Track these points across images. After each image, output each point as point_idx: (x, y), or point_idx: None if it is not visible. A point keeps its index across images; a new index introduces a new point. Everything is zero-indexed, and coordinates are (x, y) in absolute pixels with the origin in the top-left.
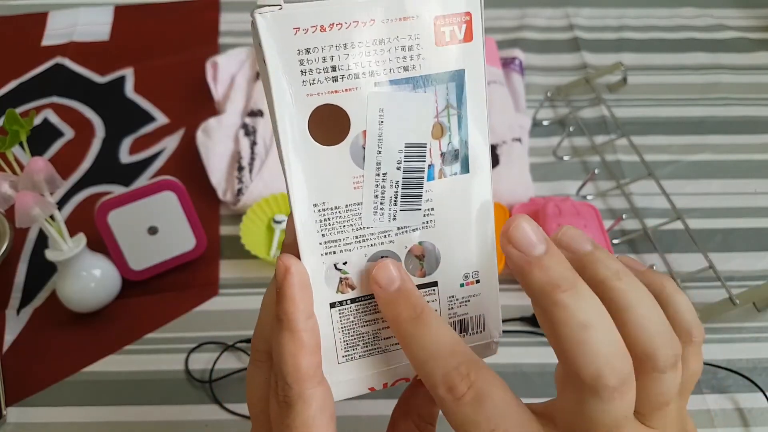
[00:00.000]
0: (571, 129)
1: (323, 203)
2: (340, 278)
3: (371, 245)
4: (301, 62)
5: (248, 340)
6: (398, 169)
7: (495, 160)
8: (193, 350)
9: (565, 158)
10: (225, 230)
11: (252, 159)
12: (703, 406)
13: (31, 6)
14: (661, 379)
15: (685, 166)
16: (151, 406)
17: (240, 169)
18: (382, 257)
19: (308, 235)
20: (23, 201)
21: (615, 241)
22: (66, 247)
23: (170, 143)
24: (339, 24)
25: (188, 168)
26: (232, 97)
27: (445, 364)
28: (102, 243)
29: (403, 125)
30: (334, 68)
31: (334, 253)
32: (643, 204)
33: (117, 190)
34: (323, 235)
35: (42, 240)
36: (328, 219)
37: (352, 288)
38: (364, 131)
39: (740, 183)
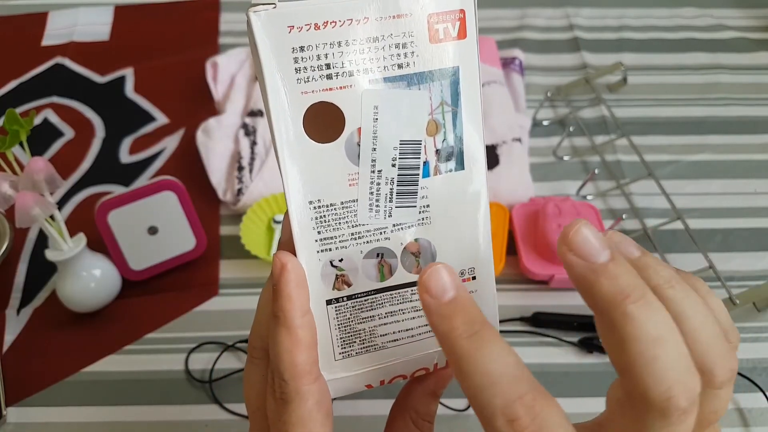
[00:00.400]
0: (571, 129)
1: (319, 200)
2: (336, 275)
3: (367, 242)
4: (296, 60)
5: (248, 340)
6: (393, 166)
7: (495, 160)
8: (193, 350)
9: (565, 158)
10: (225, 230)
11: (252, 159)
12: None
13: (31, 6)
14: (717, 396)
15: (685, 166)
16: (151, 406)
17: (240, 169)
18: (378, 254)
19: (304, 232)
20: (23, 201)
21: None
22: (66, 247)
23: (170, 143)
24: (333, 22)
25: (188, 168)
26: (232, 97)
27: (508, 392)
28: (102, 243)
29: (398, 122)
30: (328, 66)
31: (330, 250)
32: (643, 204)
33: (117, 190)
34: (319, 233)
35: (42, 240)
36: (324, 216)
37: (349, 285)
38: (359, 128)
39: (740, 183)
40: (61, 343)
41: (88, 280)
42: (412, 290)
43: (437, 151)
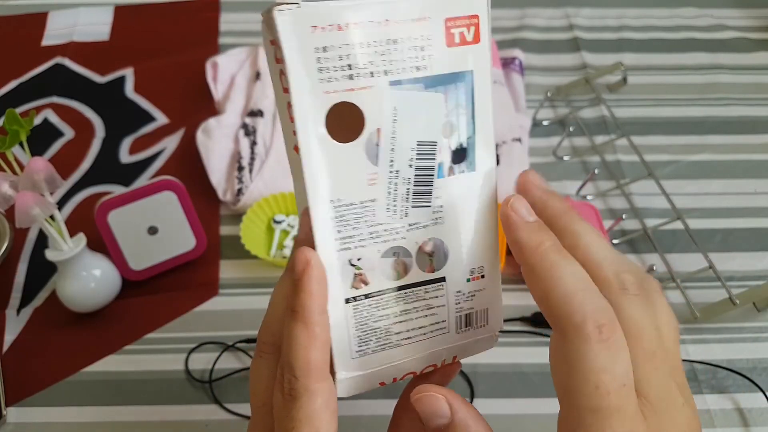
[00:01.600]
0: (571, 129)
1: (339, 200)
2: (355, 274)
3: (384, 241)
4: (319, 60)
5: (248, 340)
6: (410, 166)
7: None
8: (193, 350)
9: (565, 158)
10: (225, 230)
11: (252, 159)
12: (703, 406)
13: (31, 6)
14: (634, 302)
15: (685, 166)
16: (151, 406)
17: (240, 169)
18: (395, 253)
19: (325, 231)
20: (23, 201)
21: (615, 241)
22: (66, 247)
23: (170, 143)
24: (355, 23)
25: (188, 168)
26: (232, 97)
27: (597, 300)
28: (102, 243)
29: (416, 124)
30: (350, 66)
31: (349, 249)
32: (643, 204)
33: (117, 190)
34: (339, 231)
35: (42, 240)
36: (344, 215)
37: (366, 284)
38: (379, 129)
39: (740, 183)
40: (61, 343)
41: (88, 280)
42: (425, 289)
43: (452, 153)
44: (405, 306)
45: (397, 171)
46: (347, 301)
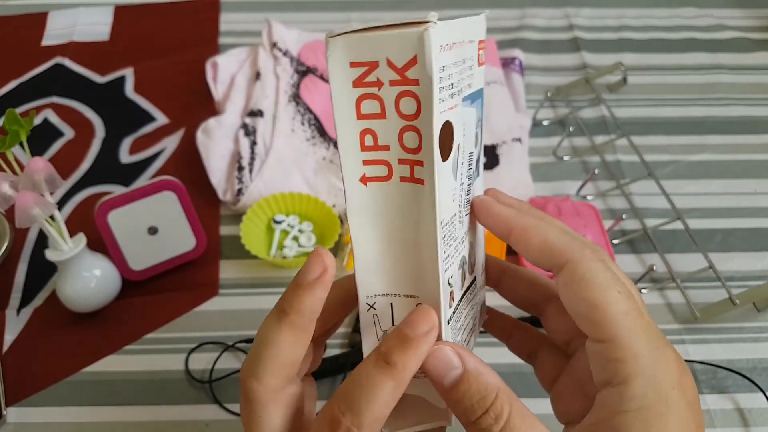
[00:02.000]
0: (571, 129)
1: (443, 219)
2: (450, 292)
3: (459, 253)
4: (441, 79)
5: (248, 341)
6: (466, 177)
7: (495, 160)
8: (193, 350)
9: (565, 158)
10: (225, 230)
11: (252, 159)
12: (703, 406)
13: (31, 6)
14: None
15: (685, 166)
16: (151, 406)
17: (240, 169)
18: (462, 264)
19: (441, 254)
20: (23, 201)
21: (615, 241)
22: (66, 247)
23: (170, 143)
24: (454, 43)
25: (188, 168)
26: (232, 97)
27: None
28: (102, 243)
29: (468, 137)
30: (452, 86)
31: (447, 268)
32: (643, 204)
33: (117, 190)
34: (444, 252)
35: (42, 240)
36: (445, 235)
37: (453, 300)
38: (458, 145)
39: (740, 183)
40: (61, 343)
41: (88, 280)
42: (470, 291)
43: (475, 161)
44: (465, 312)
45: (461, 183)
46: (447, 322)
